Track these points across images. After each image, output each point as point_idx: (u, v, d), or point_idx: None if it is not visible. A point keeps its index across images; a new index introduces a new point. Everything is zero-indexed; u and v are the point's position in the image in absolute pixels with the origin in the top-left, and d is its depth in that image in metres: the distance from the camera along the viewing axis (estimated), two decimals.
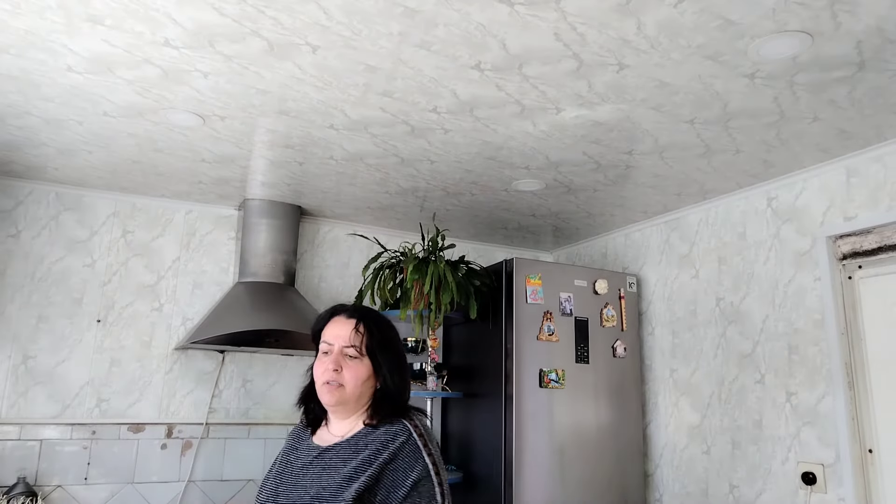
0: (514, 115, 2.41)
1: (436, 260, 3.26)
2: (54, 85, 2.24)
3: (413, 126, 2.53)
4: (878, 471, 2.50)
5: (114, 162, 2.98)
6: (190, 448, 3.34)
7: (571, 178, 3.07)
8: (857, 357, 2.62)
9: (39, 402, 3.11)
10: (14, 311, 3.15)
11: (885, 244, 2.56)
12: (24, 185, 3.25)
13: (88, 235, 3.35)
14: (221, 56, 2.03)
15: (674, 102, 2.28)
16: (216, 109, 2.41)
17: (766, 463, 2.87)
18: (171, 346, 3.40)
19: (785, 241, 2.93)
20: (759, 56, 1.95)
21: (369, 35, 1.89)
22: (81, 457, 3.12)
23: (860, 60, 1.96)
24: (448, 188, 3.26)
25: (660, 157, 2.78)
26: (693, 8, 1.73)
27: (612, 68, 2.05)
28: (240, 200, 3.55)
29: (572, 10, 1.75)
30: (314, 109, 2.40)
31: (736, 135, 2.53)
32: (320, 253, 3.86)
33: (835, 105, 2.26)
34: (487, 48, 1.95)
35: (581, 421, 3.29)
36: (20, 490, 2.87)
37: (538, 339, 3.27)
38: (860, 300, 2.65)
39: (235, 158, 2.91)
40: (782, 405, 2.84)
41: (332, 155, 2.84)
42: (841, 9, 1.71)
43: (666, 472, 3.41)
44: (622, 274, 3.63)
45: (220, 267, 3.59)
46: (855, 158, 2.66)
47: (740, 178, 3.00)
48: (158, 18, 1.83)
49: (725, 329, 3.17)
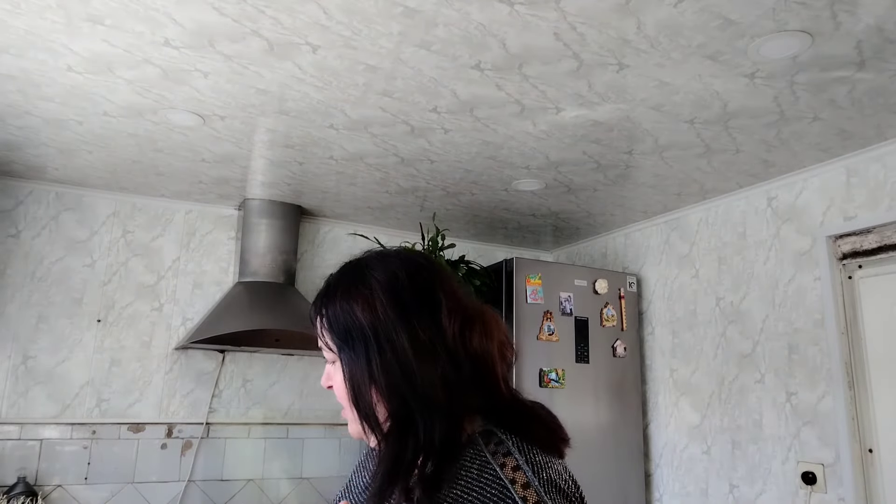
0: (514, 114, 2.41)
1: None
2: (54, 85, 2.24)
3: (413, 126, 2.53)
4: (878, 471, 2.50)
5: (114, 162, 2.98)
6: (190, 448, 3.34)
7: (571, 177, 3.07)
8: (857, 357, 2.62)
9: (39, 401, 3.11)
10: (14, 310, 3.14)
11: (885, 244, 2.56)
12: (24, 185, 3.25)
13: (88, 235, 3.35)
14: (221, 56, 2.03)
15: (674, 102, 2.28)
16: (216, 109, 2.41)
17: (766, 463, 2.87)
18: (171, 346, 3.40)
19: (785, 241, 2.93)
20: (759, 56, 1.94)
21: (369, 35, 1.89)
22: (81, 457, 3.12)
23: (860, 60, 1.96)
24: (448, 188, 3.26)
25: (660, 157, 2.78)
26: (693, 8, 1.73)
27: (612, 68, 2.05)
28: (240, 200, 3.55)
29: (572, 10, 1.75)
30: (314, 109, 2.40)
31: (736, 135, 2.53)
32: (320, 253, 3.86)
33: (835, 105, 2.26)
34: (487, 48, 1.95)
35: (581, 421, 3.29)
36: (20, 490, 2.87)
37: (538, 338, 3.27)
38: (860, 300, 2.65)
39: (235, 158, 2.91)
40: (782, 405, 2.84)
41: (332, 155, 2.84)
42: (841, 9, 1.71)
43: (666, 472, 3.41)
44: (622, 274, 3.63)
45: (220, 267, 3.59)
46: (855, 158, 2.66)
47: (740, 178, 2.99)
48: (158, 18, 1.83)
49: (725, 329, 3.17)
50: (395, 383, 0.80)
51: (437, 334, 0.81)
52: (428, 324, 0.82)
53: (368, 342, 0.82)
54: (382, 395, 0.81)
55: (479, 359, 0.83)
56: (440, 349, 0.81)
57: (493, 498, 0.73)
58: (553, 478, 0.76)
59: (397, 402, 0.80)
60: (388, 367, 0.80)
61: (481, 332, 0.84)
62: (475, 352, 0.83)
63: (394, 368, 0.80)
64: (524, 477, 0.74)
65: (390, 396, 0.80)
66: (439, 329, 0.82)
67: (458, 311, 0.84)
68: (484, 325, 0.85)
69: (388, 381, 0.80)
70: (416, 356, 0.80)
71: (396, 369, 0.80)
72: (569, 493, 0.77)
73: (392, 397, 0.80)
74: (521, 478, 0.74)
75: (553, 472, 0.77)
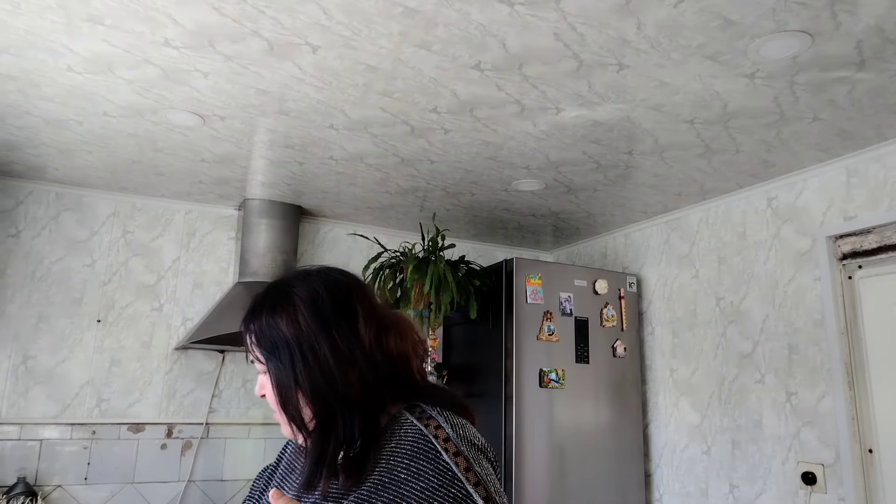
0: (514, 115, 2.41)
1: (436, 260, 3.26)
2: (54, 85, 2.24)
3: (413, 126, 2.53)
4: (878, 471, 2.50)
5: (114, 162, 2.98)
6: (190, 448, 3.34)
7: (571, 178, 3.07)
8: (857, 357, 2.62)
9: (39, 402, 3.11)
10: (14, 310, 3.15)
11: (885, 244, 2.56)
12: (24, 185, 3.25)
13: (88, 235, 3.35)
14: (221, 56, 2.03)
15: (674, 102, 2.28)
16: (216, 109, 2.41)
17: (766, 463, 2.87)
18: (171, 346, 3.40)
19: (785, 241, 2.93)
20: (759, 56, 1.94)
21: (369, 35, 1.89)
22: (81, 457, 3.12)
23: (860, 60, 1.96)
24: (448, 188, 3.26)
25: (660, 157, 2.78)
26: (693, 8, 1.73)
27: (612, 68, 2.05)
28: (240, 200, 3.55)
29: (572, 10, 1.75)
30: (314, 109, 2.40)
31: (736, 135, 2.53)
32: (320, 253, 3.86)
33: (835, 105, 2.26)
34: (487, 48, 1.95)
35: (581, 421, 3.29)
36: (20, 490, 2.87)
37: (538, 338, 3.27)
38: (860, 300, 2.65)
39: (235, 158, 2.91)
40: (782, 405, 2.84)
41: (332, 155, 2.84)
42: (841, 9, 1.71)
43: (666, 472, 3.41)
44: (622, 274, 3.63)
45: (220, 267, 3.59)
46: (855, 158, 2.66)
47: (740, 178, 2.99)
48: (158, 18, 1.83)
49: (725, 329, 3.17)
50: (317, 388, 0.89)
51: (356, 342, 0.92)
52: (346, 333, 0.92)
53: (293, 352, 0.90)
54: (307, 398, 0.90)
55: (397, 358, 0.95)
56: (358, 354, 0.91)
57: (420, 450, 0.85)
58: (468, 435, 0.89)
59: (320, 404, 0.89)
60: (311, 374, 0.89)
61: (396, 336, 0.95)
62: (392, 353, 0.94)
63: (316, 375, 0.89)
64: (444, 433, 0.87)
65: (314, 399, 0.89)
66: (357, 337, 0.92)
67: (373, 319, 0.94)
68: (398, 329, 0.96)
69: (311, 386, 0.89)
70: (337, 362, 0.90)
71: (319, 375, 0.89)
72: (482, 448, 0.91)
73: (315, 400, 0.89)
74: (443, 434, 0.87)
75: (468, 431, 0.91)
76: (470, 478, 0.84)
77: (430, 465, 0.84)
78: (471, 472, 0.84)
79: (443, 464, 0.84)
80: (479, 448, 0.90)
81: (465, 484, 0.83)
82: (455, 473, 0.83)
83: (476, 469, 0.85)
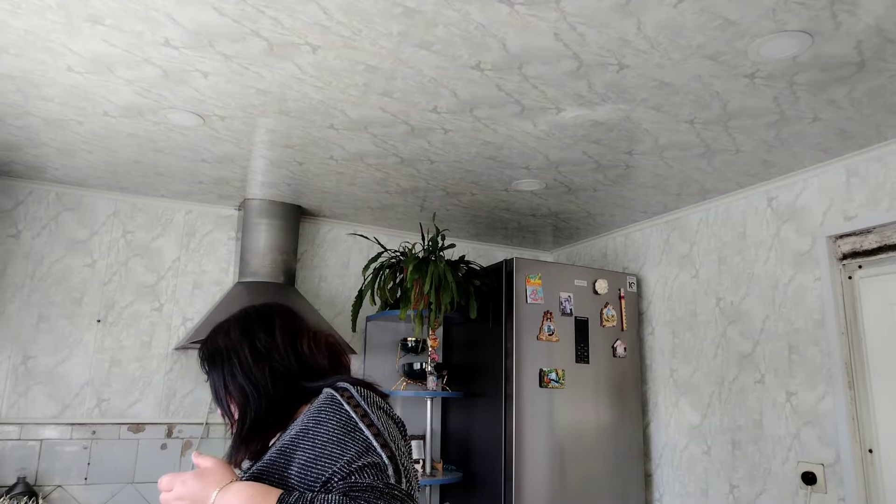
0: (514, 115, 2.41)
1: (436, 260, 3.26)
2: (54, 85, 2.24)
3: (413, 126, 2.53)
4: (878, 471, 2.50)
5: (114, 162, 2.98)
6: (190, 448, 3.33)
7: (571, 178, 3.07)
8: (857, 357, 2.62)
9: (39, 402, 3.11)
10: (14, 310, 3.15)
11: (885, 244, 2.56)
12: (24, 185, 3.25)
13: (88, 235, 3.35)
14: (221, 56, 2.03)
15: (674, 102, 2.28)
16: (216, 109, 2.41)
17: (766, 463, 2.87)
18: (171, 346, 3.40)
19: (785, 241, 2.93)
20: (759, 56, 1.94)
21: (369, 35, 1.89)
22: (81, 457, 3.12)
23: (860, 60, 1.96)
24: (448, 188, 3.26)
25: (660, 157, 2.78)
26: (693, 8, 1.73)
27: (612, 68, 2.05)
28: (240, 200, 3.55)
29: (572, 10, 1.75)
30: (314, 109, 2.40)
31: (736, 135, 2.53)
32: (320, 253, 3.86)
33: (835, 105, 2.26)
34: (487, 48, 1.95)
35: (581, 421, 3.29)
36: (20, 490, 2.87)
37: (538, 338, 3.27)
38: (860, 300, 2.65)
39: (235, 158, 2.91)
40: (782, 405, 2.84)
41: (332, 155, 2.84)
42: (841, 9, 1.71)
43: (666, 472, 3.41)
44: (622, 274, 3.63)
45: (220, 267, 3.59)
46: (855, 158, 2.66)
47: (740, 178, 3.00)
48: (158, 18, 1.83)
49: (725, 329, 3.17)
50: (239, 382, 1.12)
51: (272, 345, 1.15)
52: (265, 339, 1.15)
53: (224, 358, 1.15)
54: (233, 394, 1.13)
55: (309, 357, 1.17)
56: (274, 354, 1.14)
57: (325, 404, 1.04)
58: (376, 401, 1.09)
59: (242, 397, 1.12)
60: (233, 372, 1.13)
61: (309, 340, 1.19)
62: (303, 353, 1.17)
63: (237, 370, 1.13)
64: (351, 396, 1.06)
65: (238, 393, 1.12)
66: (274, 341, 1.15)
67: (289, 328, 1.18)
68: (313, 336, 1.20)
69: (234, 382, 1.13)
70: (253, 360, 1.13)
71: (239, 370, 1.12)
72: (390, 413, 1.11)
73: (239, 394, 1.12)
74: (349, 395, 1.06)
75: (377, 399, 1.10)
76: (367, 423, 1.01)
77: (333, 414, 1.02)
78: (367, 419, 1.02)
79: (343, 412, 1.02)
80: (385, 411, 1.09)
81: (364, 430, 0.99)
82: (354, 420, 1.01)
83: (377, 423, 1.02)
